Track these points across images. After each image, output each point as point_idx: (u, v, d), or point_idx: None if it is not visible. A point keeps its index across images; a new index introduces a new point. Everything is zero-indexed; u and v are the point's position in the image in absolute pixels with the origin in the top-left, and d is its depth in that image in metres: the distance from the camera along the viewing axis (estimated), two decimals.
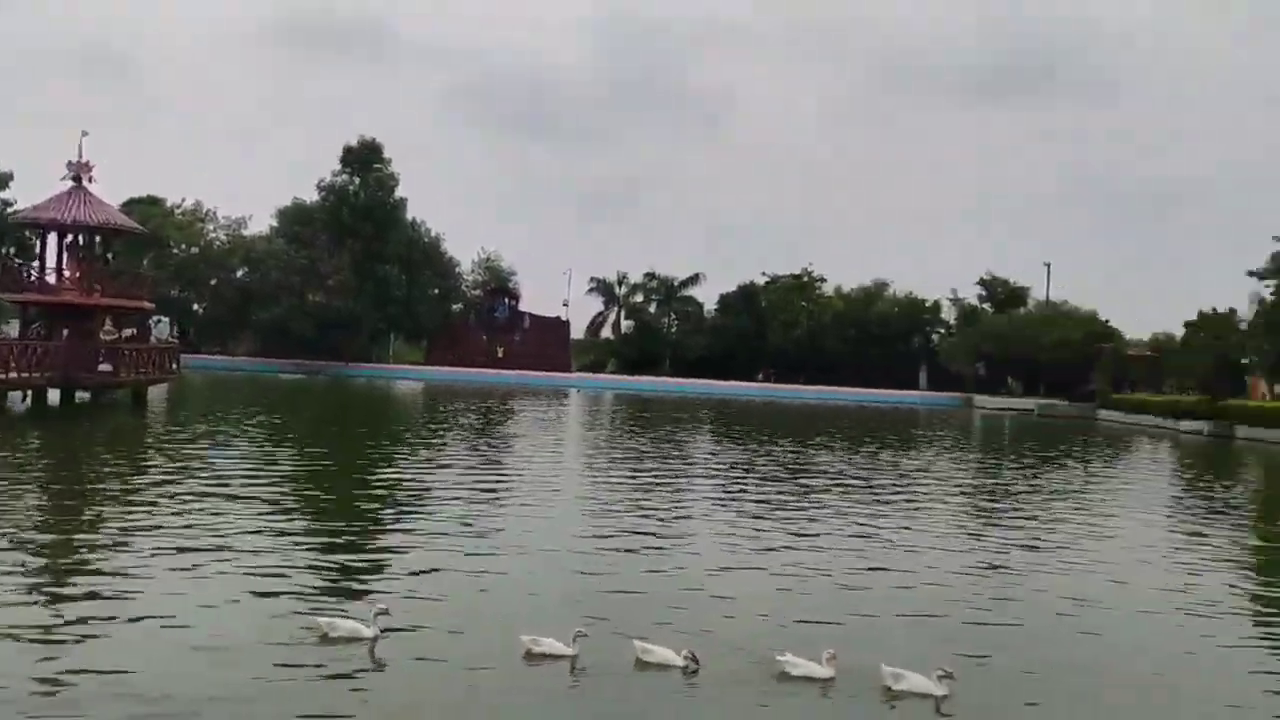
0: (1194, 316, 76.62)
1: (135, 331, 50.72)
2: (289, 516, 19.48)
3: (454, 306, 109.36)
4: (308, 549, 16.63)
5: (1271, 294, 67.28)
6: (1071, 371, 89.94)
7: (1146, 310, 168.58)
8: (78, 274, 45.31)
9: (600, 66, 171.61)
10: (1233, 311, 75.69)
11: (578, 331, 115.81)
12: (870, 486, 28.17)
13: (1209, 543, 21.42)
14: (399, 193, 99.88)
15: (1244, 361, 71.10)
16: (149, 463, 26.83)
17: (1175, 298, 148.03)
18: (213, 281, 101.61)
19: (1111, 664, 12.24)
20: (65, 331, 44.34)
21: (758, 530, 20.10)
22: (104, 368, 43.61)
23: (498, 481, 26.05)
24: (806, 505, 23.95)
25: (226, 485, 22.23)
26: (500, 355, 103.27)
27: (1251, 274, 69.43)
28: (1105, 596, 15.74)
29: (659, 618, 12.99)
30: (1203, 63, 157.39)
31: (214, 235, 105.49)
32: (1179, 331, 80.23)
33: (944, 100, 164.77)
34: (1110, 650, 12.80)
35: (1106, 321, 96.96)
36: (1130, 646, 13.04)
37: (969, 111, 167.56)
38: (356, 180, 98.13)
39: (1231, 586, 17.22)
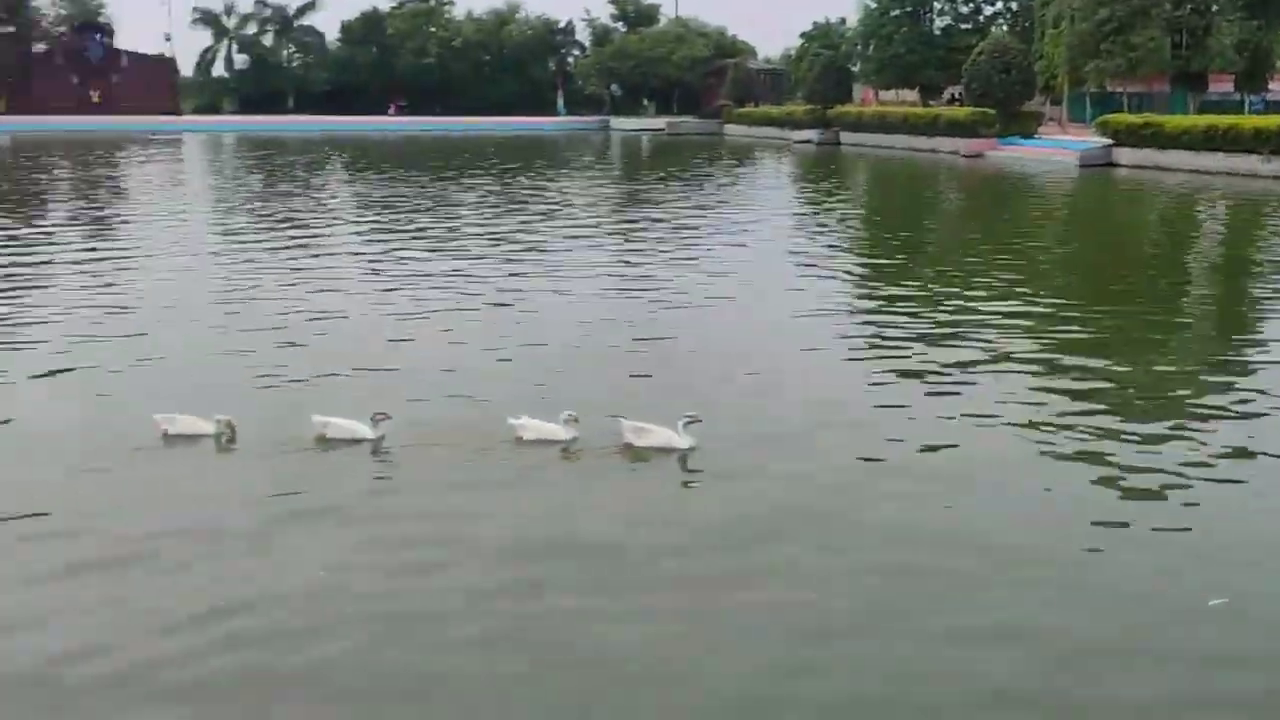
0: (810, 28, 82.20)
1: None
2: None
3: (35, 47, 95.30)
4: None
5: (874, 2, 72.82)
6: (701, 88, 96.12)
7: (774, 24, 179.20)
8: None
9: None
10: (842, 21, 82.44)
11: (186, 70, 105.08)
12: (521, 214, 28.68)
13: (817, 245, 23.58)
14: None
15: (853, 69, 77.07)
16: None
17: (799, 10, 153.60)
18: None
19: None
20: None
21: (415, 281, 18.47)
22: None
23: (122, 247, 22.91)
24: (468, 246, 22.87)
25: None
26: (96, 100, 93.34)
27: None
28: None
29: (322, 387, 11.63)
30: None
31: None
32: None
33: None
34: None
35: (734, 37, 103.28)
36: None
37: None
38: None
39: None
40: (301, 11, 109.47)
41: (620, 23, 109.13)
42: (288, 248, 22.53)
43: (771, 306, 16.37)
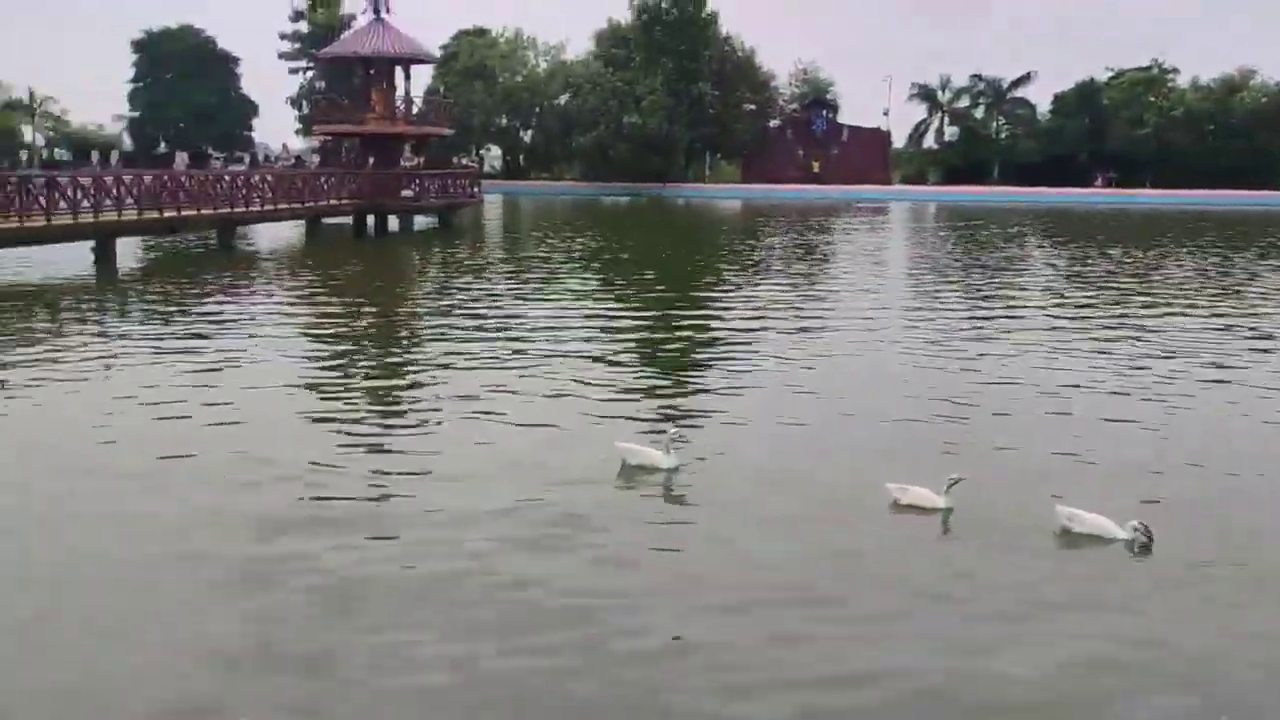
0: None
1: (423, 160, 52.44)
2: (604, 337, 19.21)
3: (770, 122, 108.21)
4: (620, 375, 16.03)
5: None
6: None
7: None
8: (379, 104, 48.34)
9: None
10: None
11: (898, 141, 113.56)
12: (1242, 297, 26.17)
13: None
14: (711, 6, 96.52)
15: None
16: (455, 288, 26.52)
17: None
18: (537, 109, 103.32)
19: None
20: (371, 160, 47.82)
21: (1141, 364, 17.05)
22: (406, 194, 46.25)
23: (821, 308, 23.83)
24: (1179, 326, 21.15)
25: (537, 306, 23.02)
26: (816, 170, 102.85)
27: None
28: None
29: (1052, 469, 10.50)
30: None
31: (535, 63, 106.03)
32: None
33: None
34: None
35: None
36: None
37: None
38: None
39: None
40: (1016, 84, 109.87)
41: None
42: (986, 318, 22.49)
43: None
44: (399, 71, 49.71)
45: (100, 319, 21.46)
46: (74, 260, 30.21)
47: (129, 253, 33.39)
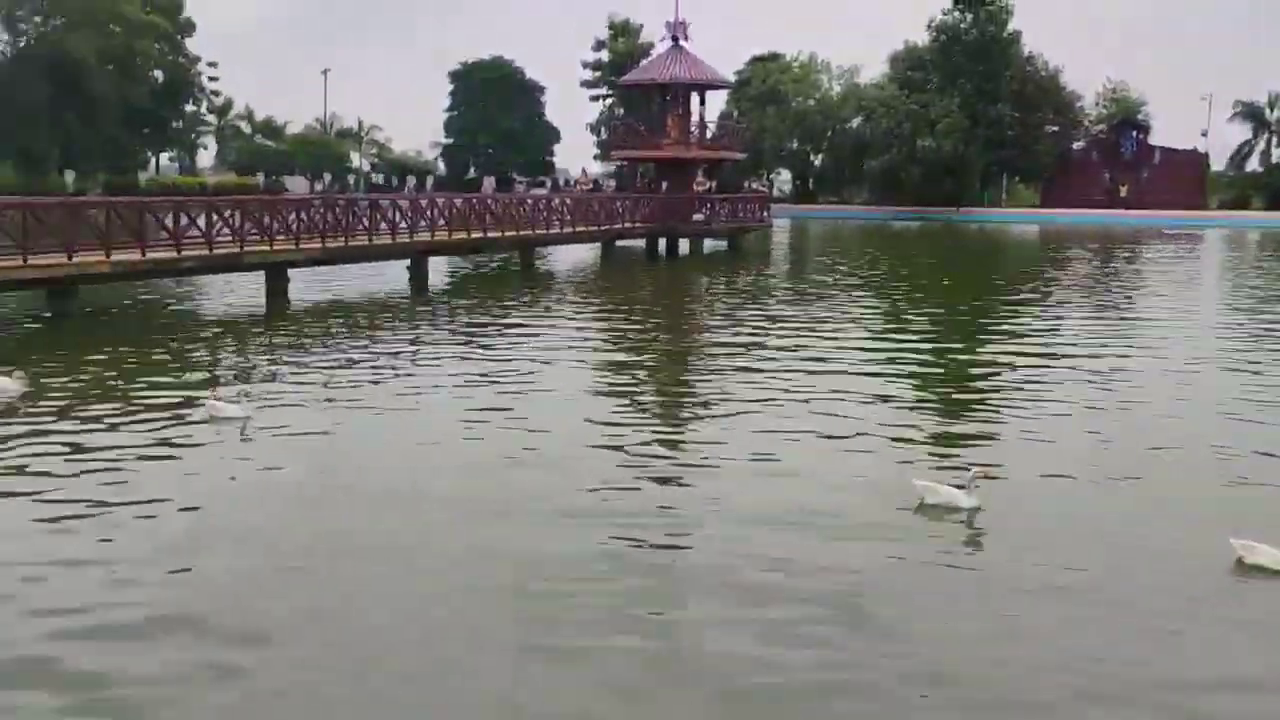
0: None
1: (715, 184, 53.54)
2: (895, 368, 18.68)
3: (1074, 144, 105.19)
4: (911, 409, 15.51)
5: None
6: None
7: None
8: (675, 129, 50.19)
9: None
10: None
11: (1218, 164, 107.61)
12: None
13: None
14: (1013, 25, 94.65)
15: None
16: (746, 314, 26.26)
17: None
18: (828, 133, 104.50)
19: None
20: (665, 184, 49.59)
21: None
22: (697, 218, 47.43)
23: (1131, 344, 21.97)
24: None
25: (810, 335, 22.47)
26: (1123, 194, 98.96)
27: None
28: None
29: None
30: None
31: (829, 87, 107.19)
32: None
33: None
34: None
35: None
36: None
37: None
38: (968, 17, 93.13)
39: None
40: None
41: None
42: None
43: None
44: (694, 97, 50.81)
45: (413, 334, 22.80)
46: (391, 277, 32.44)
47: (438, 270, 35.42)
